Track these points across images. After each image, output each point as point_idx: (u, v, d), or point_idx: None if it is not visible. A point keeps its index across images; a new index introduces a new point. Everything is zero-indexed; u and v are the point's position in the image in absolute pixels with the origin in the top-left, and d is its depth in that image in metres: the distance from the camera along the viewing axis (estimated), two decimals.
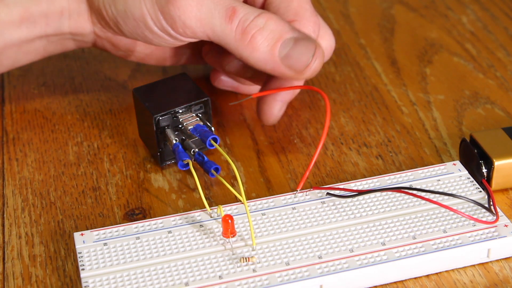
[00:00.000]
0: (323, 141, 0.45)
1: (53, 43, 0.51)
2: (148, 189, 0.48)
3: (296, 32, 0.46)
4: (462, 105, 0.54)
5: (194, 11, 0.46)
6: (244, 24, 0.45)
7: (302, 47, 0.45)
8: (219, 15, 0.46)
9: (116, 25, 0.48)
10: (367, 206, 0.44)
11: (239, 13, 0.46)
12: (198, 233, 0.43)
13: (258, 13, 0.46)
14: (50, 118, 0.54)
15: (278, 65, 0.46)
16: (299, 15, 0.49)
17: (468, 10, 0.64)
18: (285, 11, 0.49)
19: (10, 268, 0.43)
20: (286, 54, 0.45)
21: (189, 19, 0.46)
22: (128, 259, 0.41)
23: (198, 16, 0.46)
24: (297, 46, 0.45)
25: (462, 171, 0.46)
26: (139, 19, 0.47)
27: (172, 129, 0.48)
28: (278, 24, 0.46)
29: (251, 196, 0.47)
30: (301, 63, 0.46)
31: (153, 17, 0.47)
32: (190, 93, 0.48)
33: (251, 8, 0.46)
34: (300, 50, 0.45)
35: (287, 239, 0.42)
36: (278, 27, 0.46)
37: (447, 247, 0.41)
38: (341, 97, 0.55)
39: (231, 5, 0.46)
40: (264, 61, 0.46)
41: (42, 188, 0.48)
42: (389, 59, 0.59)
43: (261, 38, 0.45)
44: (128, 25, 0.48)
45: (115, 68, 0.59)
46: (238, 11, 0.46)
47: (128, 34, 0.49)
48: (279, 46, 0.45)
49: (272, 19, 0.46)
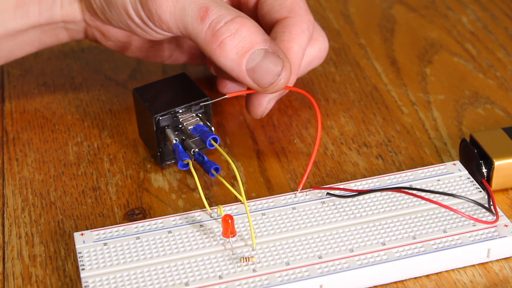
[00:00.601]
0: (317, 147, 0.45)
1: (46, 33, 0.51)
2: (148, 189, 0.48)
3: (268, 44, 0.45)
4: (462, 105, 0.54)
5: (170, 7, 0.45)
6: (215, 27, 0.44)
7: (270, 63, 0.44)
8: (191, 13, 0.45)
9: (103, 13, 0.49)
10: (367, 206, 0.44)
11: (211, 14, 0.45)
12: (198, 233, 0.43)
13: (231, 17, 0.45)
14: (50, 118, 0.54)
15: (244, 76, 0.45)
16: (293, 12, 0.48)
17: (468, 10, 0.64)
18: (279, 8, 0.49)
19: (10, 268, 0.43)
20: (252, 67, 0.45)
21: (164, 13, 0.45)
22: (128, 259, 0.41)
23: (172, 12, 0.45)
24: (264, 61, 0.44)
25: (462, 171, 0.46)
26: (122, 7, 0.47)
27: (172, 129, 0.48)
28: (251, 32, 0.45)
29: (251, 196, 0.47)
30: (266, 80, 0.45)
31: (134, 8, 0.46)
32: (190, 93, 0.48)
33: (226, 9, 0.45)
34: (266, 67, 0.44)
35: (287, 239, 0.42)
36: (250, 36, 0.44)
37: (447, 247, 0.41)
38: (341, 97, 0.55)
39: (205, 5, 0.45)
40: (230, 68, 0.45)
41: (42, 188, 0.48)
42: (389, 59, 0.59)
43: (231, 45, 0.44)
44: (112, 13, 0.48)
45: (115, 68, 0.59)
46: (211, 12, 0.45)
47: (113, 23, 0.49)
48: (247, 56, 0.44)
49: (245, 25, 0.45)
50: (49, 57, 0.60)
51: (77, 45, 0.61)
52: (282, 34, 0.48)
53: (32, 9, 0.50)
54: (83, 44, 0.61)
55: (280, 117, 0.53)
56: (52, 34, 0.52)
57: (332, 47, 0.60)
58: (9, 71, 0.59)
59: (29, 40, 0.52)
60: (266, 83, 0.45)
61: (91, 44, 0.61)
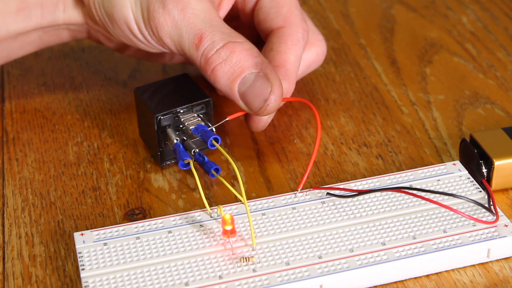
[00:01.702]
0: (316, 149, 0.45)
1: (48, 33, 0.52)
2: (148, 189, 0.48)
3: (259, 67, 0.45)
4: (462, 105, 0.54)
5: (169, 31, 0.46)
6: (208, 55, 0.45)
7: (259, 87, 0.45)
8: (188, 40, 0.46)
9: (104, 26, 0.49)
10: (367, 206, 0.44)
11: (204, 42, 0.45)
12: (198, 233, 0.43)
13: (223, 43, 0.45)
14: (50, 118, 0.54)
15: (237, 100, 0.46)
16: (288, 21, 0.49)
17: (468, 10, 0.64)
18: (274, 17, 0.49)
19: (10, 268, 0.43)
20: (243, 91, 0.45)
21: (165, 36, 0.47)
22: (128, 259, 0.41)
23: (172, 36, 0.46)
24: (255, 85, 0.45)
25: (462, 171, 0.46)
26: (125, 24, 0.48)
27: (173, 129, 0.48)
28: (241, 58, 0.45)
29: (251, 196, 0.47)
30: (256, 104, 0.45)
31: (138, 25, 0.47)
32: (192, 94, 0.48)
33: (219, 35, 0.46)
34: (256, 90, 0.45)
35: (287, 239, 0.42)
36: (240, 61, 0.45)
37: (447, 247, 0.41)
38: (341, 97, 0.55)
39: (200, 32, 0.46)
40: (225, 93, 0.46)
41: (42, 188, 0.48)
42: (389, 59, 0.59)
43: (222, 72, 0.45)
44: (115, 28, 0.48)
45: (115, 68, 0.59)
46: (204, 40, 0.45)
47: (114, 36, 0.49)
48: (238, 82, 0.45)
49: (236, 51, 0.45)
50: (49, 57, 0.60)
51: (77, 45, 0.61)
52: (278, 45, 0.48)
53: (34, 12, 0.50)
54: (83, 44, 0.61)
55: (280, 117, 0.53)
56: (54, 34, 0.52)
57: (332, 47, 0.60)
58: (9, 71, 0.59)
59: (30, 41, 0.52)
60: (256, 107, 0.46)
61: (91, 44, 0.61)
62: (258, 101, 0.45)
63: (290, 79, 0.48)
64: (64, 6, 0.50)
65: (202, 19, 0.46)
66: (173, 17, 0.46)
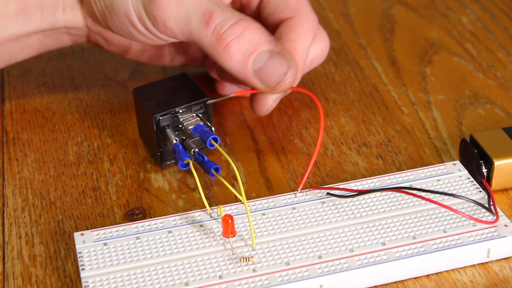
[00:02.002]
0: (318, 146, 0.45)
1: (49, 37, 0.51)
2: (148, 189, 0.48)
3: (273, 45, 0.45)
4: (462, 105, 0.54)
5: (174, 12, 0.46)
6: (220, 31, 0.45)
7: (276, 63, 0.45)
8: (196, 18, 0.45)
9: (104, 20, 0.49)
10: (367, 206, 0.44)
11: (215, 18, 0.45)
12: (198, 233, 0.43)
13: (236, 20, 0.45)
14: (50, 118, 0.54)
15: (251, 77, 0.45)
16: (298, 12, 0.48)
17: (468, 10, 0.64)
18: (284, 8, 0.49)
19: (10, 268, 0.43)
20: (259, 67, 0.45)
21: (169, 19, 0.46)
22: (128, 259, 0.41)
23: (177, 18, 0.46)
24: (270, 61, 0.45)
25: (462, 171, 0.46)
26: (125, 15, 0.47)
27: (173, 129, 0.48)
28: (255, 34, 0.45)
29: (251, 196, 0.47)
30: (273, 79, 0.45)
31: (138, 15, 0.47)
32: (191, 93, 0.48)
33: (230, 13, 0.45)
34: (273, 66, 0.45)
35: (287, 239, 0.42)
36: (255, 37, 0.45)
37: (447, 247, 0.41)
38: (341, 97, 0.55)
39: (209, 9, 0.45)
40: (237, 71, 0.45)
41: (42, 188, 0.48)
42: (389, 59, 0.59)
43: (236, 48, 0.45)
44: (114, 20, 0.48)
45: (115, 68, 0.59)
46: (215, 16, 0.45)
47: (115, 30, 0.49)
48: (253, 58, 0.45)
49: (249, 28, 0.45)
50: (49, 57, 0.60)
51: (77, 45, 0.61)
52: (287, 34, 0.48)
53: (35, 14, 0.50)
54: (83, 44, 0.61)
55: (280, 117, 0.53)
56: (55, 38, 0.52)
57: (332, 47, 0.60)
58: (9, 71, 0.59)
59: (31, 44, 0.52)
60: (273, 82, 0.45)
61: None
62: (275, 77, 0.45)
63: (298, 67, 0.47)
64: (63, 7, 0.50)
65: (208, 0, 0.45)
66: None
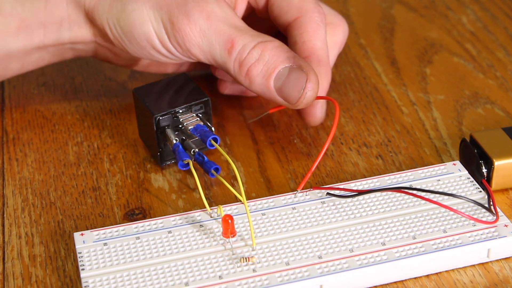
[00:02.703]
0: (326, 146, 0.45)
1: (51, 53, 0.51)
2: (148, 189, 0.48)
3: (292, 60, 0.45)
4: (462, 105, 0.54)
5: (197, 40, 0.46)
6: (241, 58, 0.46)
7: (295, 79, 0.45)
8: (219, 47, 0.46)
9: (120, 44, 0.48)
10: (367, 206, 0.44)
11: (237, 46, 0.46)
12: (198, 233, 0.43)
13: (254, 44, 0.46)
14: (50, 118, 0.54)
15: (274, 96, 0.46)
16: (302, 10, 0.49)
17: (468, 10, 0.64)
18: (288, 10, 0.49)
19: (10, 268, 0.43)
20: (279, 86, 0.45)
21: (193, 47, 0.46)
22: (128, 259, 0.41)
23: (200, 46, 0.46)
24: (290, 77, 0.45)
25: (462, 171, 0.46)
26: (146, 40, 0.47)
27: (172, 129, 0.48)
28: (273, 54, 0.45)
29: (251, 196, 0.47)
30: (293, 97, 0.45)
31: (161, 40, 0.47)
32: (191, 93, 0.48)
33: (250, 37, 0.46)
34: (292, 83, 0.45)
35: (287, 239, 0.42)
36: (272, 58, 0.45)
37: (447, 247, 0.41)
38: (341, 97, 0.55)
39: (230, 38, 0.46)
40: (262, 93, 0.46)
41: (42, 188, 0.48)
42: (389, 59, 0.59)
43: (256, 71, 0.46)
44: (133, 46, 0.48)
45: (115, 68, 0.59)
46: (236, 44, 0.46)
47: (132, 53, 0.49)
48: (273, 78, 0.45)
49: (267, 49, 0.45)
50: None
51: None
52: (300, 36, 0.48)
53: (36, 32, 0.49)
54: None
55: (280, 117, 0.53)
56: (58, 54, 0.51)
57: None
58: None
59: (33, 61, 0.51)
60: (295, 98, 0.46)
61: None
62: (295, 92, 0.45)
63: (324, 63, 0.48)
64: (69, 25, 0.49)
65: (229, 25, 0.46)
66: (200, 27, 0.46)
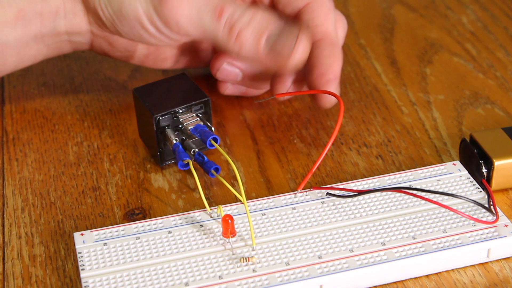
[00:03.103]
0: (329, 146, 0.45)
1: (49, 46, 0.51)
2: (148, 189, 0.48)
3: (283, 22, 0.46)
4: (462, 105, 0.54)
5: (185, 11, 0.46)
6: (232, 21, 0.46)
7: (286, 35, 0.46)
8: (208, 14, 0.46)
9: (113, 25, 0.49)
10: (367, 206, 0.44)
11: (226, 11, 0.46)
12: (198, 233, 0.43)
13: (244, 8, 0.46)
14: (50, 118, 0.54)
15: (264, 58, 0.46)
16: None
17: (468, 10, 0.64)
18: None
19: (10, 268, 0.43)
20: (270, 46, 0.46)
21: (181, 18, 0.46)
22: (128, 259, 0.41)
23: (189, 16, 0.46)
24: (281, 36, 0.46)
25: (462, 171, 0.46)
26: (135, 19, 0.47)
27: (172, 129, 0.48)
28: (263, 17, 0.46)
29: (251, 196, 0.47)
30: (285, 51, 0.46)
31: (148, 17, 0.47)
32: (190, 93, 0.48)
33: (238, 4, 0.47)
34: (283, 39, 0.46)
35: (287, 239, 0.42)
36: (263, 20, 0.46)
37: (447, 247, 0.41)
38: (341, 97, 0.55)
39: (219, 4, 0.46)
40: (251, 56, 0.46)
41: (42, 188, 0.48)
42: (389, 59, 0.59)
43: (247, 33, 0.46)
44: (124, 25, 0.48)
45: (115, 68, 0.59)
46: (226, 9, 0.46)
47: (124, 35, 0.49)
48: (264, 39, 0.46)
49: (258, 13, 0.46)
50: None
51: None
52: (312, 20, 0.49)
53: (34, 21, 0.49)
54: None
55: (280, 117, 0.53)
56: (56, 47, 0.51)
57: None
58: None
59: (31, 54, 0.51)
60: (286, 53, 0.46)
61: None
62: (287, 47, 0.45)
63: (337, 47, 0.48)
64: (64, 14, 0.49)
65: None
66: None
